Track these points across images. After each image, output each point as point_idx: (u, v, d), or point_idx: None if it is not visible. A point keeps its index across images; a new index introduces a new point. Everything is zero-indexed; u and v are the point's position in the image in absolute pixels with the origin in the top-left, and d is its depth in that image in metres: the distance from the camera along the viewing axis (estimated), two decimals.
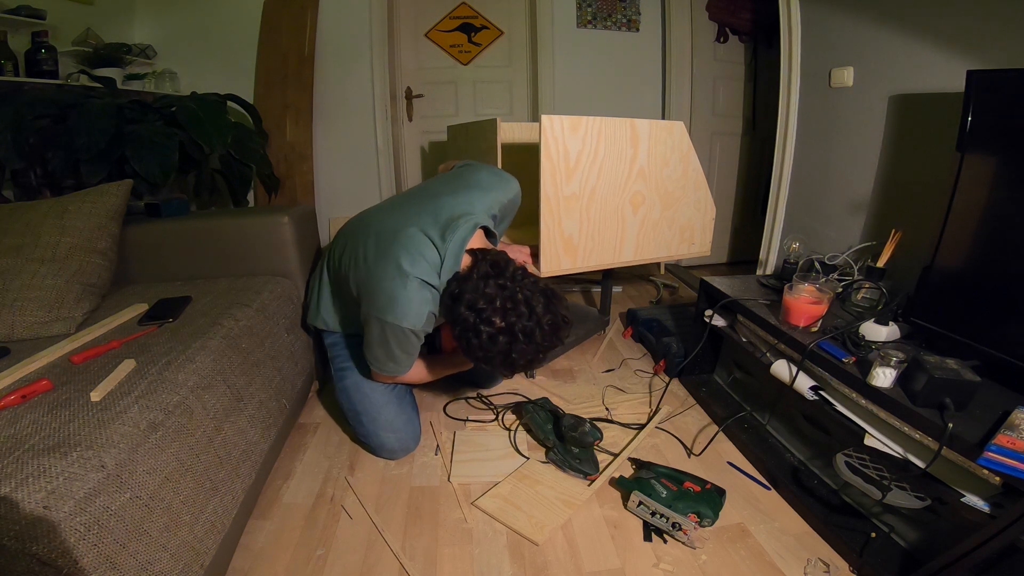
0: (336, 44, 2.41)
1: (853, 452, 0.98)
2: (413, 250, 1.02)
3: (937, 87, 1.37)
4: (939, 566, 0.81)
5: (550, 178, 1.19)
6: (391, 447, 1.22)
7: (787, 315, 1.16)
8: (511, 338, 0.95)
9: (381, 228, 1.10)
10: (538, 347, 0.97)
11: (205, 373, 0.92)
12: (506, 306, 0.95)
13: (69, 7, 1.92)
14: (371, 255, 1.06)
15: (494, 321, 0.95)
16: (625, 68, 2.70)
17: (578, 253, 1.30)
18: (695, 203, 1.45)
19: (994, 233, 0.98)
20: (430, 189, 1.21)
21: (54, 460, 0.62)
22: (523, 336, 0.95)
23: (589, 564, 0.96)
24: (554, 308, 0.99)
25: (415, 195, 1.21)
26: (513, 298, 0.95)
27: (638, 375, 1.68)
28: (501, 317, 0.95)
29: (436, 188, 1.20)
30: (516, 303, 0.95)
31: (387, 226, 1.09)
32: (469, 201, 1.11)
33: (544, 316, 0.96)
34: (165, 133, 1.58)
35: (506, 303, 0.95)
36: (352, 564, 0.96)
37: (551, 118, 1.15)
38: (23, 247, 1.11)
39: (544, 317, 0.96)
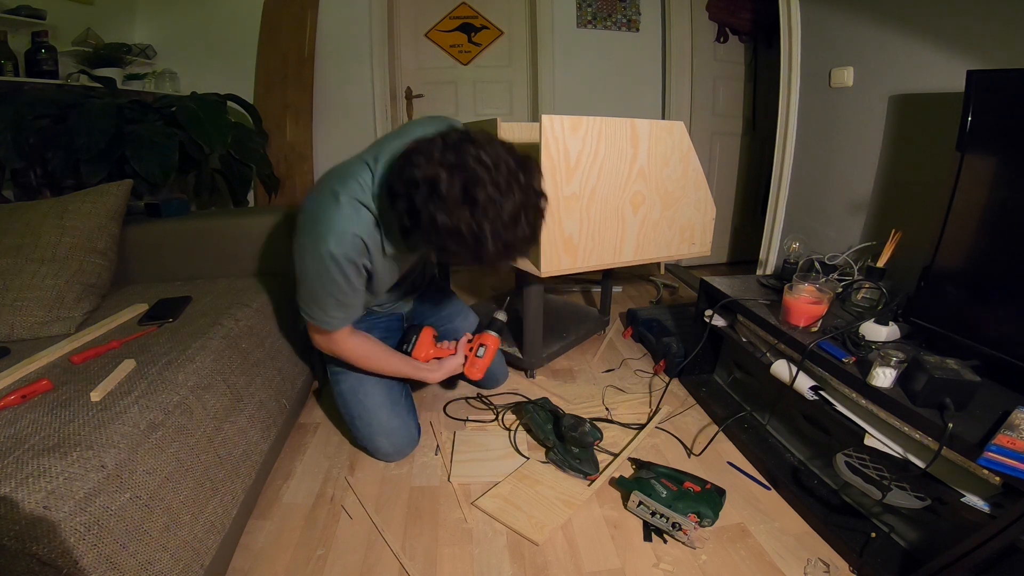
0: (336, 44, 2.41)
1: (853, 452, 0.98)
2: (345, 174, 0.94)
3: (937, 87, 1.37)
4: (939, 566, 0.81)
5: (550, 178, 1.19)
6: (386, 451, 1.22)
7: (787, 315, 1.16)
8: (469, 202, 0.77)
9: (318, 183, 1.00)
10: (476, 178, 0.77)
11: (205, 373, 0.92)
12: (454, 149, 0.78)
13: (69, 7, 1.92)
14: (309, 196, 0.98)
15: (431, 170, 0.77)
16: (625, 68, 2.70)
17: (578, 253, 1.30)
18: (695, 203, 1.45)
19: (994, 233, 0.98)
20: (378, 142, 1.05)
21: (54, 460, 0.62)
22: (451, 171, 0.76)
23: (589, 564, 0.96)
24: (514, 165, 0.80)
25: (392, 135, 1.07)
26: (465, 140, 0.78)
27: (638, 375, 1.68)
28: (447, 163, 0.77)
29: (384, 139, 1.03)
30: (450, 145, 0.78)
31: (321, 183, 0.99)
32: (410, 135, 0.92)
33: (483, 149, 0.78)
34: (165, 133, 1.58)
35: (453, 147, 0.78)
36: (352, 564, 0.96)
37: (551, 118, 1.15)
38: (23, 247, 1.11)
39: (483, 150, 0.77)
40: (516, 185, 0.80)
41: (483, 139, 0.81)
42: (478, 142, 0.80)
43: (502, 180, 0.78)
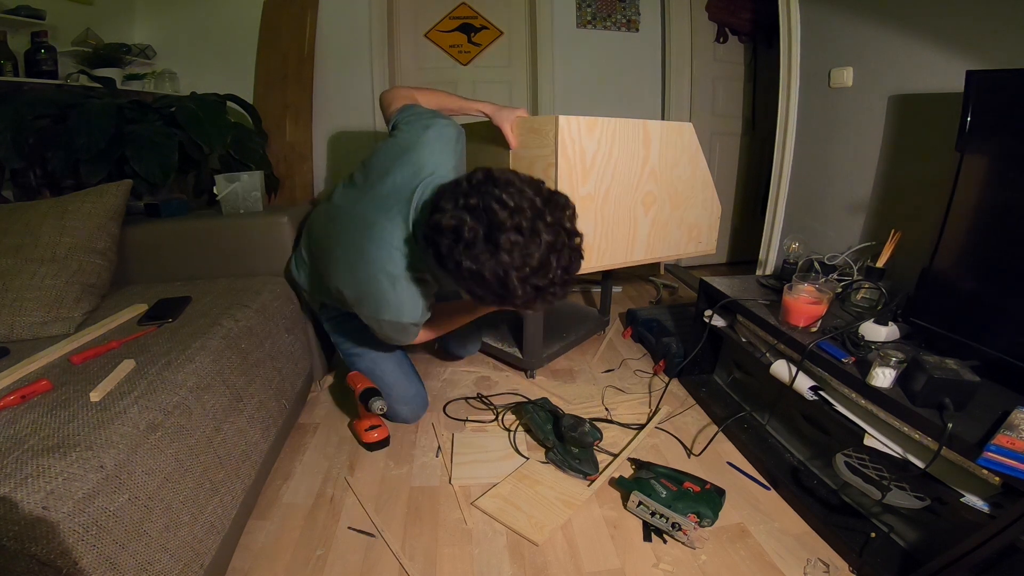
0: (336, 44, 2.41)
1: (853, 452, 0.98)
2: (385, 245, 0.97)
3: (937, 87, 1.37)
4: (939, 566, 0.81)
5: (567, 179, 1.19)
6: (405, 416, 1.37)
7: (787, 315, 1.16)
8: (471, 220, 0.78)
9: (348, 223, 1.06)
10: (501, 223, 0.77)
11: (204, 373, 0.92)
12: (481, 192, 0.79)
13: (69, 7, 1.92)
14: (343, 256, 1.05)
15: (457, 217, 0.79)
16: (625, 68, 2.70)
17: (592, 253, 1.31)
18: (703, 203, 1.46)
19: (993, 233, 0.98)
20: (376, 167, 1.10)
21: (53, 460, 0.62)
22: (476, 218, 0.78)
23: (589, 564, 0.96)
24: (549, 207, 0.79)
25: (368, 178, 1.11)
26: (491, 182, 0.79)
27: (638, 375, 1.68)
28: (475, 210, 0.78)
29: (383, 164, 1.09)
30: (491, 187, 0.78)
31: (354, 220, 1.04)
32: (421, 164, 1.01)
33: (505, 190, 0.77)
34: (165, 133, 1.58)
35: (480, 190, 0.79)
36: (352, 564, 0.96)
37: (568, 119, 1.15)
38: (23, 247, 1.11)
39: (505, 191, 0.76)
40: (543, 225, 0.78)
41: (506, 179, 0.80)
42: (501, 182, 0.79)
43: (526, 223, 0.77)
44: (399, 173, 1.04)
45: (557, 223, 0.80)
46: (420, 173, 1.02)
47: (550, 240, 0.79)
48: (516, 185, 0.79)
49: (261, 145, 2.10)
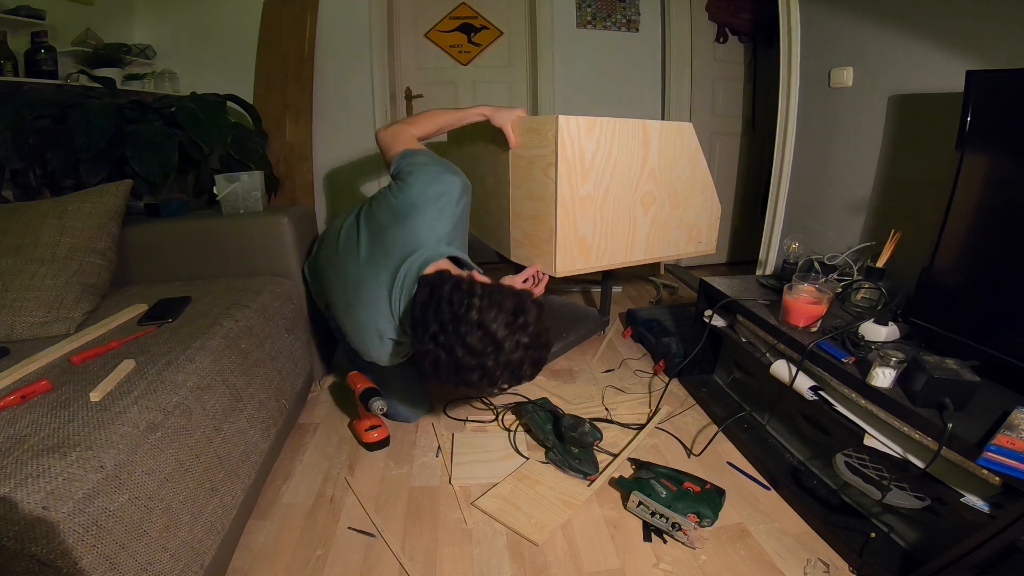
0: (336, 44, 2.41)
1: (853, 452, 0.98)
2: (375, 311, 1.11)
3: (937, 87, 1.37)
4: (939, 566, 0.81)
5: (566, 179, 1.19)
6: (405, 414, 1.39)
7: (787, 315, 1.16)
8: (445, 356, 0.90)
9: (344, 275, 1.18)
10: (466, 365, 0.89)
11: (204, 373, 0.92)
12: (447, 331, 0.89)
13: (69, 7, 1.92)
14: (342, 300, 1.20)
15: (440, 343, 0.90)
16: (625, 68, 2.70)
17: (592, 253, 1.31)
18: (702, 203, 1.46)
19: (993, 233, 0.98)
20: (377, 220, 1.15)
21: (53, 460, 0.62)
22: (447, 355, 0.89)
23: (589, 564, 0.96)
24: (502, 319, 0.89)
25: (369, 229, 1.16)
26: (455, 318, 0.89)
27: (638, 375, 1.68)
28: (431, 340, 0.90)
29: (382, 220, 1.14)
30: (458, 325, 0.88)
31: (349, 276, 1.17)
32: (414, 233, 1.07)
33: (493, 327, 0.87)
34: (165, 133, 1.57)
35: (438, 325, 0.90)
36: (352, 564, 0.96)
37: (567, 119, 1.15)
38: (23, 247, 1.11)
39: (469, 335, 0.87)
40: (507, 351, 0.89)
41: (474, 314, 0.87)
42: (469, 323, 0.87)
43: (491, 363, 0.89)
44: (392, 238, 1.10)
45: (520, 343, 0.90)
46: (409, 244, 1.07)
47: (517, 361, 0.91)
48: (486, 324, 0.87)
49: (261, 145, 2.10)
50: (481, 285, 0.92)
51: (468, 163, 1.71)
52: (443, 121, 1.32)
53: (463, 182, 1.16)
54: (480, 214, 1.68)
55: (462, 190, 1.14)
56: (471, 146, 1.65)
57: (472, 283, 0.92)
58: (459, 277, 0.94)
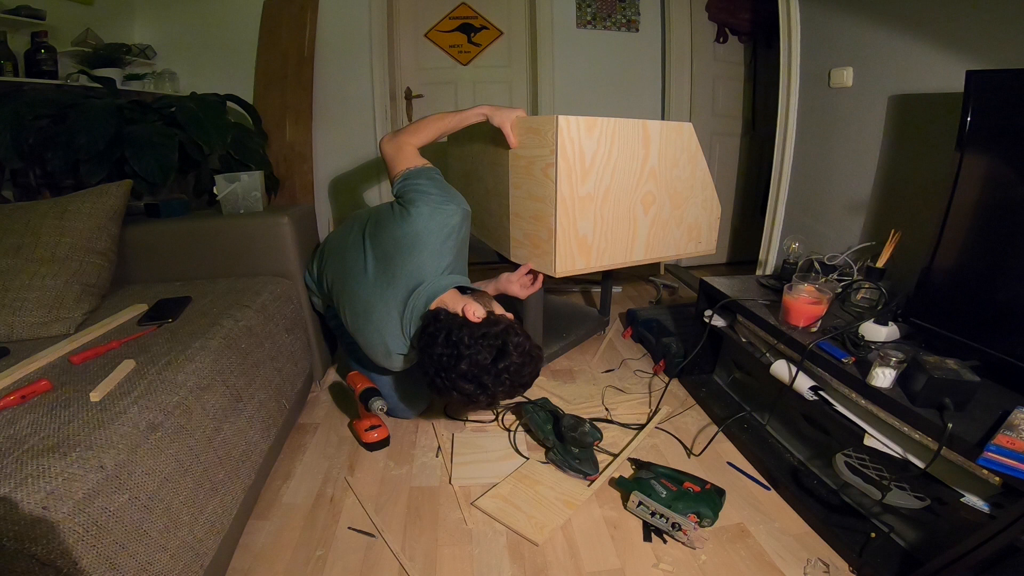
0: (336, 44, 2.41)
1: (853, 452, 0.98)
2: (388, 334, 1.19)
3: (937, 87, 1.37)
4: (939, 566, 0.81)
5: (566, 179, 1.19)
6: (404, 413, 1.41)
7: (787, 315, 1.16)
8: (444, 390, 1.04)
9: (355, 298, 1.23)
10: (460, 400, 1.05)
11: (204, 374, 0.92)
12: (441, 376, 1.03)
13: (69, 7, 1.92)
14: (352, 320, 1.25)
15: (436, 385, 1.04)
16: (625, 68, 2.70)
17: (592, 253, 1.31)
18: (702, 202, 1.46)
19: (993, 233, 0.98)
20: (383, 246, 1.19)
21: (53, 460, 0.62)
22: (445, 391, 1.04)
23: (589, 564, 0.96)
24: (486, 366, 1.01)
25: (376, 255, 1.20)
26: (447, 368, 1.02)
27: (638, 375, 1.68)
28: (432, 378, 1.05)
29: (388, 248, 1.18)
30: (450, 374, 1.02)
31: (360, 300, 1.22)
32: (419, 266, 1.14)
33: (480, 375, 1.01)
34: (165, 133, 1.57)
35: (434, 370, 1.03)
36: (352, 564, 0.96)
37: (567, 119, 1.15)
38: (23, 247, 1.11)
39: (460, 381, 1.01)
40: (497, 388, 1.02)
41: (463, 366, 0.99)
42: (460, 372, 1.00)
43: (482, 398, 1.03)
44: (399, 268, 1.16)
45: (505, 383, 1.02)
46: (415, 276, 1.14)
47: (498, 393, 1.04)
48: (472, 375, 1.01)
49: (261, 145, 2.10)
50: (468, 333, 1.01)
51: (468, 163, 1.71)
52: (444, 126, 1.33)
53: (464, 211, 1.19)
54: (480, 214, 1.67)
55: (462, 219, 1.19)
56: (471, 146, 1.65)
57: (460, 331, 1.01)
58: (450, 323, 1.03)
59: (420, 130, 1.31)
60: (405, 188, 1.20)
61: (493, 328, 1.03)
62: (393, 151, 1.27)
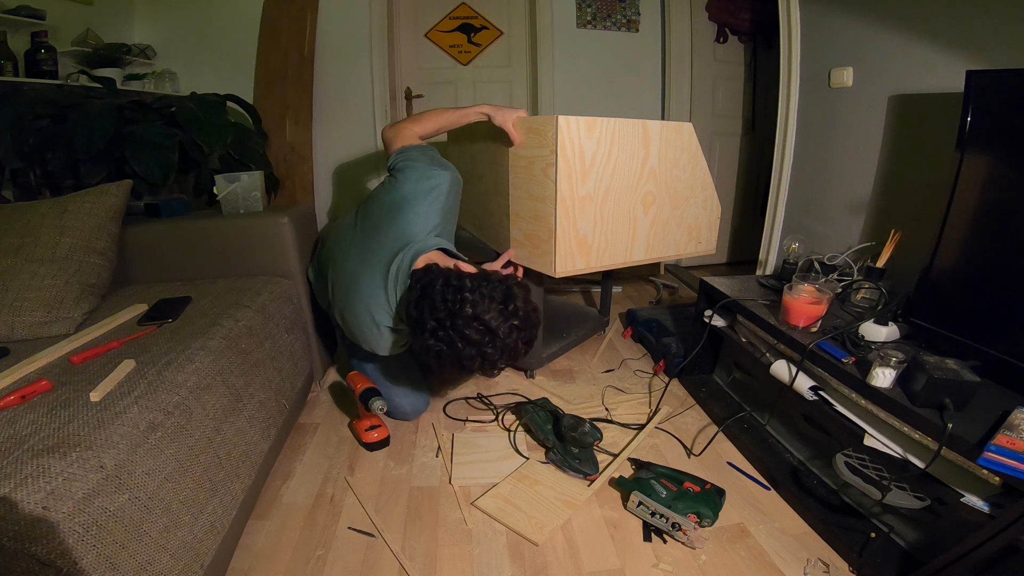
0: (336, 44, 2.41)
1: (853, 452, 0.98)
2: (370, 302, 1.15)
3: (937, 87, 1.37)
4: (939, 566, 0.81)
5: (566, 179, 1.19)
6: (404, 410, 1.38)
7: (787, 315, 1.16)
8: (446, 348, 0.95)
9: (343, 273, 1.22)
10: (467, 355, 0.95)
11: (205, 374, 0.92)
12: (446, 326, 0.94)
13: (69, 7, 1.92)
14: (341, 295, 1.24)
15: (440, 339, 0.95)
16: (625, 68, 2.70)
17: (592, 253, 1.31)
18: (702, 202, 1.46)
19: (993, 233, 0.98)
20: (371, 216, 1.21)
21: (53, 460, 0.62)
22: (448, 347, 0.94)
23: (589, 564, 0.96)
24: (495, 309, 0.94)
25: (363, 226, 1.22)
26: (451, 313, 0.93)
27: (638, 375, 1.68)
28: (431, 336, 0.95)
29: (376, 216, 1.19)
30: (455, 320, 0.93)
31: (347, 273, 1.21)
32: (406, 227, 1.12)
33: (487, 317, 0.93)
34: (165, 133, 1.57)
35: (435, 321, 0.94)
36: (352, 564, 0.96)
37: (567, 119, 1.15)
38: (23, 247, 1.11)
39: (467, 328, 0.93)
40: (507, 337, 0.94)
41: (468, 309, 0.92)
42: (466, 316, 0.92)
43: (489, 350, 0.94)
44: (385, 233, 1.15)
45: (513, 330, 0.95)
46: (401, 238, 1.12)
47: (507, 344, 0.96)
48: (480, 316, 0.93)
49: (261, 145, 2.10)
50: (470, 278, 0.96)
51: (468, 162, 1.71)
52: (445, 120, 1.35)
53: (453, 176, 1.20)
54: (480, 213, 1.67)
55: (452, 183, 1.19)
56: (471, 145, 1.65)
57: (461, 277, 0.95)
58: (447, 272, 0.97)
59: (421, 120, 1.33)
60: (397, 160, 1.23)
61: (492, 277, 0.98)
62: (392, 135, 1.31)
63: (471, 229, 1.82)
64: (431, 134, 1.35)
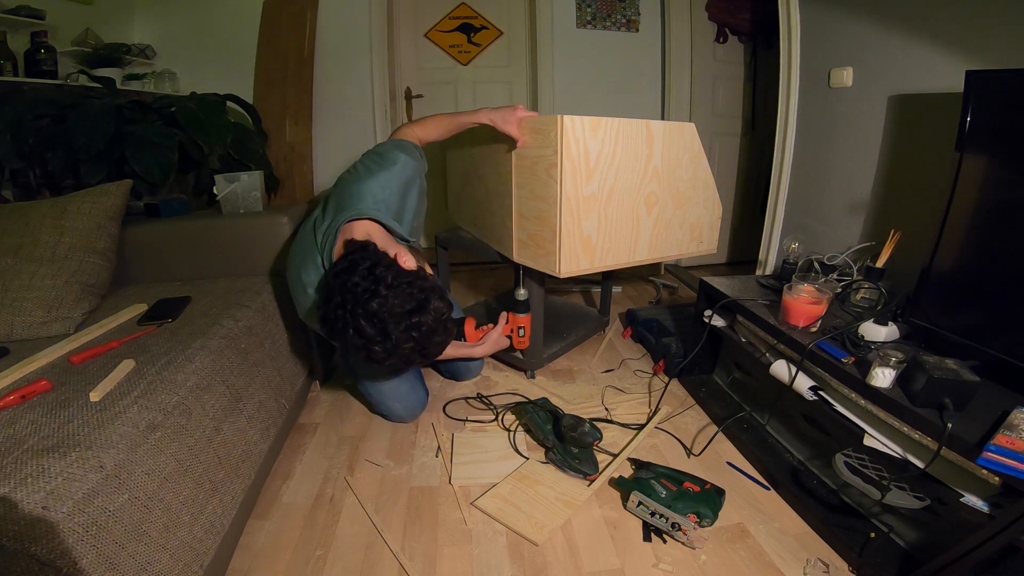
0: (336, 44, 2.41)
1: (852, 452, 0.98)
2: (303, 265, 1.13)
3: (936, 87, 1.37)
4: (938, 566, 0.81)
5: (571, 179, 1.19)
6: (400, 414, 1.37)
7: (786, 315, 1.16)
8: (340, 327, 0.90)
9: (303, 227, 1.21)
10: (353, 344, 0.90)
11: (204, 373, 0.92)
12: (347, 308, 0.89)
13: (68, 7, 1.92)
14: (289, 278, 1.20)
15: (336, 316, 0.90)
16: (625, 68, 2.70)
17: (596, 253, 1.31)
18: (704, 202, 1.47)
19: (993, 233, 0.98)
20: (330, 199, 1.20)
21: (53, 460, 0.62)
22: (341, 327, 0.89)
23: (589, 564, 0.96)
24: (399, 315, 0.90)
25: (321, 209, 1.21)
26: (356, 301, 0.88)
27: (637, 375, 1.68)
28: (332, 310, 0.90)
29: (333, 194, 1.19)
30: (356, 308, 0.88)
31: (310, 219, 1.20)
32: (356, 193, 1.12)
33: (388, 320, 0.89)
34: (164, 133, 1.58)
35: (340, 298, 0.90)
36: (352, 564, 0.96)
37: (572, 119, 1.15)
38: (22, 247, 1.11)
39: (364, 320, 0.88)
40: (402, 344, 0.90)
41: (374, 305, 0.88)
42: (369, 312, 0.88)
43: (378, 348, 0.89)
44: (334, 198, 1.16)
45: (410, 340, 0.91)
46: (343, 205, 1.10)
47: (399, 350, 0.91)
48: (381, 317, 0.88)
49: (261, 145, 2.10)
50: (395, 273, 0.91)
51: (469, 163, 1.71)
52: (447, 125, 1.35)
53: (419, 166, 1.24)
54: (482, 215, 1.67)
55: (413, 168, 1.21)
56: (471, 146, 1.65)
57: (388, 268, 0.91)
58: (379, 257, 0.93)
59: (425, 124, 1.35)
60: (376, 148, 1.25)
61: (420, 282, 0.94)
62: (394, 133, 1.35)
63: (472, 230, 1.82)
64: (433, 139, 1.36)
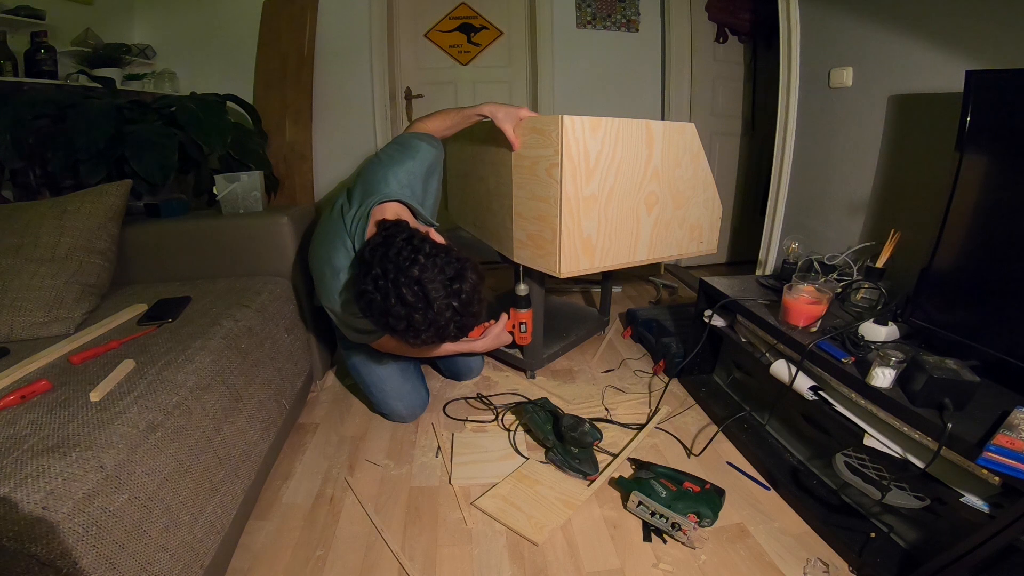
0: (336, 44, 2.41)
1: (852, 452, 0.98)
2: (333, 247, 1.15)
3: (936, 87, 1.37)
4: (938, 566, 0.81)
5: (571, 179, 1.19)
6: (400, 413, 1.38)
7: (786, 315, 1.16)
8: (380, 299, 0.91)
9: (315, 237, 1.25)
10: (395, 313, 0.91)
11: (204, 373, 0.92)
12: (388, 278, 0.90)
13: (68, 7, 1.92)
14: (312, 248, 1.24)
15: (377, 287, 0.91)
16: (625, 68, 2.70)
17: (596, 253, 1.31)
18: (704, 202, 1.47)
19: (993, 233, 0.98)
20: (373, 163, 1.25)
21: (53, 460, 0.62)
22: (382, 298, 0.90)
23: (589, 564, 0.96)
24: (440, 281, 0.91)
25: (363, 166, 1.29)
26: (398, 269, 0.90)
27: (637, 375, 1.68)
28: (372, 282, 0.91)
29: (375, 162, 1.24)
30: (398, 276, 0.89)
31: (320, 222, 1.25)
32: (374, 182, 1.17)
33: (429, 287, 0.90)
34: (164, 133, 1.57)
35: (381, 270, 0.91)
36: (352, 564, 0.96)
37: (572, 119, 1.15)
38: (22, 247, 1.11)
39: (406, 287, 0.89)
40: (441, 313, 0.91)
41: (416, 271, 0.89)
42: (411, 277, 0.89)
43: (419, 317, 0.91)
44: (355, 189, 1.20)
45: (449, 309, 0.92)
46: (369, 190, 1.15)
47: (437, 320, 0.92)
48: (423, 282, 0.90)
49: (261, 145, 2.10)
50: (431, 244, 0.94)
51: (468, 163, 1.71)
52: (454, 118, 1.37)
53: (439, 154, 1.30)
54: (482, 215, 1.67)
55: (436, 158, 1.29)
56: (471, 146, 1.65)
57: (423, 240, 0.94)
58: (415, 231, 0.96)
59: (433, 119, 1.38)
60: (395, 138, 1.31)
61: (456, 252, 0.97)
62: (407, 129, 1.39)
63: (472, 230, 1.82)
64: (440, 131, 1.38)
